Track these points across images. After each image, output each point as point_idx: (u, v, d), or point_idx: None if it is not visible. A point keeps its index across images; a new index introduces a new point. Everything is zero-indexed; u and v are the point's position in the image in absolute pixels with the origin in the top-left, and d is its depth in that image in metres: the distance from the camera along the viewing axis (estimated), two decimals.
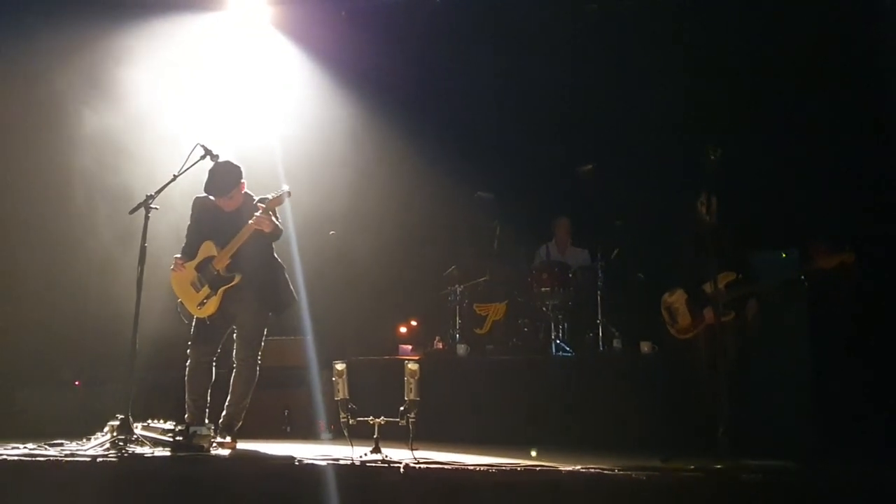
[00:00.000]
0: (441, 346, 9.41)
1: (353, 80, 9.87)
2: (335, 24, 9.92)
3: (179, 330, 6.83)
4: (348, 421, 6.04)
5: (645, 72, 9.20)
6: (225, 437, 6.41)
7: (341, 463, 5.47)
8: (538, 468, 5.31)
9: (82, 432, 6.50)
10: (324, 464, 5.41)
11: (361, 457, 5.69)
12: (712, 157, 6.21)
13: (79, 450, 6.00)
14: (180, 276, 6.64)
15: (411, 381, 5.96)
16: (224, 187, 6.53)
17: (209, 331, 6.62)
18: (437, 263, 9.88)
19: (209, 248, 6.60)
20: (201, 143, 6.63)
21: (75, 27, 9.01)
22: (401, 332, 9.83)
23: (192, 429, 6.01)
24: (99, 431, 6.35)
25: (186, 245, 6.80)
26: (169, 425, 6.21)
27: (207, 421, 6.48)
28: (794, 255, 7.18)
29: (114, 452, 5.86)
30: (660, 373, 7.78)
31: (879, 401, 6.99)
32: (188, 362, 6.62)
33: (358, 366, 7.43)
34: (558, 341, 8.81)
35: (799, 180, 8.21)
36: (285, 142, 9.26)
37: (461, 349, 9.10)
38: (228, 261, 6.54)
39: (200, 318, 6.61)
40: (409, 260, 9.86)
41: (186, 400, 6.60)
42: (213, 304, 6.54)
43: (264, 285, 6.65)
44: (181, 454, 5.86)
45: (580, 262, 9.48)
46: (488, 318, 9.48)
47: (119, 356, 6.94)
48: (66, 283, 9.00)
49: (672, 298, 7.04)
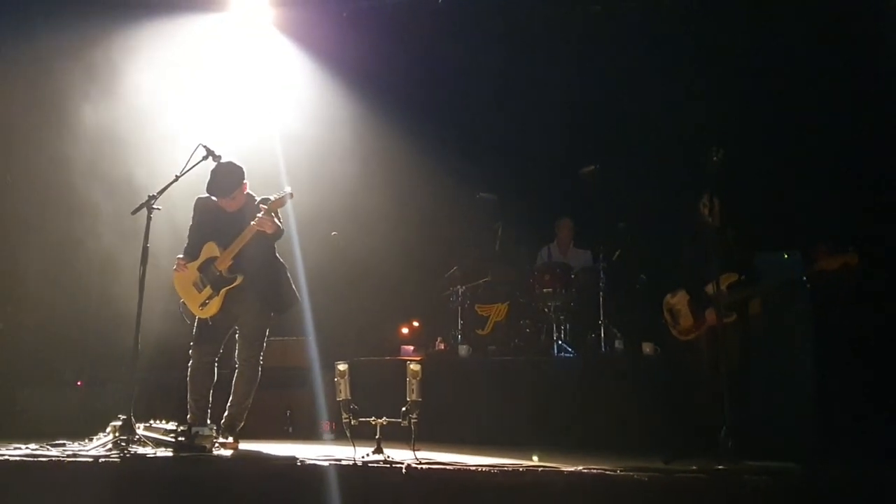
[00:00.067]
0: (443, 347, 9.42)
1: (354, 80, 9.88)
2: (336, 24, 9.92)
3: (181, 330, 6.83)
4: (350, 421, 6.02)
5: (647, 73, 9.21)
6: (227, 438, 6.40)
7: (343, 463, 5.46)
8: (540, 469, 5.31)
9: (84, 433, 6.50)
10: (326, 464, 5.40)
11: (363, 457, 5.69)
12: (714, 158, 6.22)
13: (81, 450, 6.00)
14: (182, 276, 6.63)
15: (413, 381, 5.95)
16: (226, 188, 6.52)
17: (211, 331, 6.61)
18: (439, 264, 9.89)
19: (211, 249, 6.59)
20: (203, 144, 6.62)
21: (77, 27, 9.03)
22: (403, 333, 9.84)
23: (194, 429, 6.00)
24: (101, 432, 6.34)
25: (188, 245, 6.79)
26: (171, 426, 6.20)
27: (209, 421, 6.47)
28: (797, 257, 7.17)
29: (116, 453, 5.85)
30: (662, 374, 7.79)
31: (881, 402, 6.99)
32: (190, 363, 6.61)
33: (360, 366, 7.41)
34: (560, 342, 8.81)
35: (801, 181, 8.23)
36: (287, 142, 9.26)
37: (463, 350, 9.11)
38: (231, 262, 6.53)
39: (202, 319, 6.60)
40: (411, 261, 9.86)
41: (188, 400, 6.59)
42: (216, 304, 6.53)
43: (267, 286, 6.65)
44: (183, 454, 5.85)
45: (582, 263, 9.48)
46: (490, 318, 9.49)
47: (121, 356, 6.96)
48: (67, 283, 9.01)
49: (674, 300, 7.03)
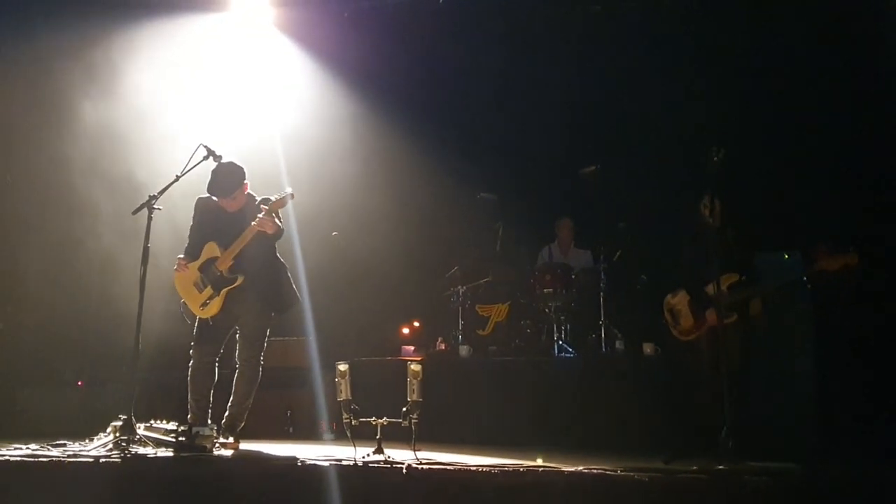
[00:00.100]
0: (444, 347, 9.42)
1: (355, 80, 9.87)
2: (337, 24, 9.92)
3: (182, 330, 6.83)
4: (351, 422, 6.02)
5: (648, 73, 9.21)
6: (228, 438, 6.40)
7: (344, 464, 5.46)
8: (541, 469, 5.31)
9: (85, 433, 6.50)
10: (326, 464, 5.40)
11: (364, 457, 5.69)
12: (715, 158, 6.22)
13: (81, 450, 6.00)
14: (183, 276, 6.63)
15: (414, 381, 5.94)
16: (227, 188, 6.52)
17: (212, 331, 6.61)
18: (440, 264, 9.89)
19: (212, 249, 6.59)
20: (204, 144, 6.62)
21: (77, 27, 9.02)
22: (403, 334, 9.84)
23: (194, 429, 6.00)
24: (102, 432, 6.34)
25: (189, 245, 6.78)
26: (172, 426, 6.21)
27: (210, 421, 6.47)
28: (797, 257, 7.17)
29: (117, 453, 5.85)
30: (662, 374, 7.79)
31: (882, 402, 6.99)
32: (191, 363, 6.61)
33: (361, 367, 7.42)
34: (561, 342, 8.81)
35: (801, 181, 8.23)
36: (288, 142, 9.25)
37: (464, 350, 9.11)
38: (231, 262, 6.52)
39: (203, 319, 6.60)
40: (412, 261, 9.86)
41: (189, 400, 6.59)
42: (216, 304, 6.53)
43: (267, 286, 6.64)
44: (184, 455, 5.85)
45: (583, 263, 9.48)
46: (491, 319, 9.49)
47: (121, 356, 6.96)
48: (67, 283, 9.01)
49: (675, 300, 7.02)
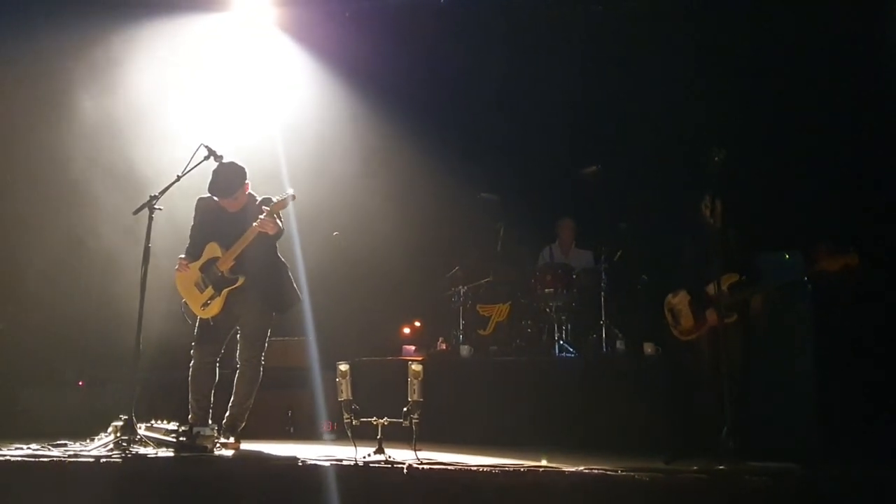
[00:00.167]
0: (444, 347, 9.41)
1: (356, 80, 9.86)
2: (339, 24, 9.91)
3: (183, 330, 6.83)
4: (352, 422, 6.02)
5: (649, 73, 9.21)
6: (228, 438, 6.40)
7: (344, 464, 5.47)
8: (541, 469, 5.31)
9: (86, 433, 6.50)
10: (327, 464, 5.40)
11: (365, 457, 5.69)
12: (716, 158, 6.22)
13: (82, 450, 6.00)
14: (184, 276, 6.63)
15: (415, 381, 5.95)
16: (229, 188, 6.52)
17: (213, 331, 6.61)
18: (441, 264, 9.89)
19: (214, 250, 6.58)
20: (205, 144, 6.62)
21: (78, 27, 9.01)
22: (404, 333, 9.84)
23: (195, 429, 6.00)
24: (102, 432, 6.35)
25: (190, 245, 6.79)
26: (172, 426, 6.20)
27: (211, 421, 6.48)
28: (798, 257, 7.17)
29: (117, 453, 5.85)
30: (663, 374, 7.79)
31: (882, 402, 6.98)
32: (192, 363, 6.61)
33: (361, 366, 7.43)
34: (562, 342, 8.82)
35: (801, 182, 8.22)
36: (289, 142, 9.23)
37: (464, 350, 9.12)
38: (233, 262, 6.52)
39: (204, 319, 6.60)
40: (413, 261, 9.84)
41: (190, 400, 6.59)
42: (217, 305, 6.53)
43: (268, 286, 6.64)
44: (185, 455, 5.85)
45: (584, 263, 9.48)
46: (492, 319, 9.49)
47: (122, 356, 6.94)
48: (68, 283, 9.00)
49: (675, 300, 7.02)
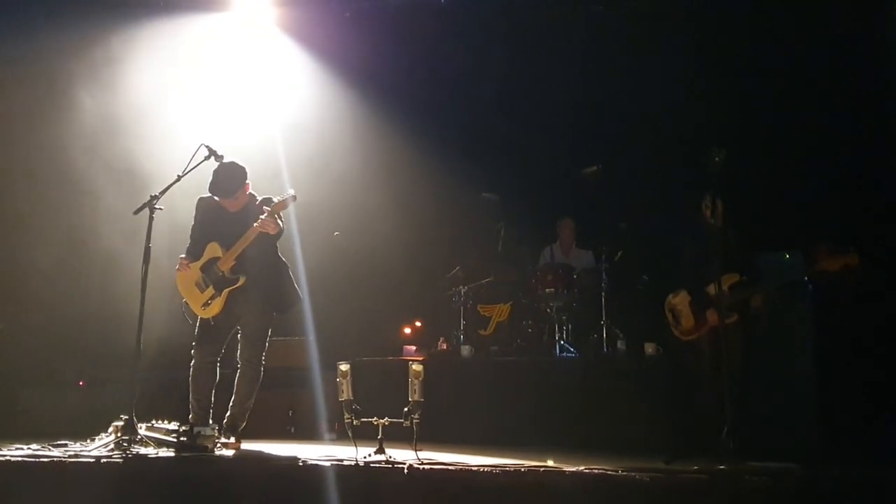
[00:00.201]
0: (445, 347, 9.40)
1: (357, 80, 9.86)
2: (339, 24, 9.91)
3: (183, 330, 6.83)
4: (352, 422, 6.01)
5: (649, 73, 9.21)
6: (229, 438, 6.40)
7: (345, 464, 5.47)
8: (542, 469, 5.31)
9: (86, 433, 6.51)
10: (328, 464, 5.41)
11: (365, 458, 5.69)
12: (716, 158, 6.22)
13: (83, 450, 6.01)
14: (185, 276, 6.63)
15: (415, 381, 5.94)
16: (229, 188, 6.52)
17: (213, 331, 6.61)
18: (442, 264, 9.89)
19: (214, 250, 6.58)
20: (206, 144, 6.62)
21: (79, 27, 9.01)
22: (405, 333, 9.83)
23: (196, 429, 6.00)
24: (103, 432, 6.35)
25: (191, 245, 6.79)
26: (173, 426, 6.20)
27: (211, 421, 6.48)
28: (798, 257, 7.17)
29: (118, 453, 5.86)
30: (663, 374, 7.78)
31: (882, 402, 6.98)
32: (192, 363, 6.61)
33: (362, 367, 7.41)
34: (562, 342, 8.82)
35: (802, 182, 8.22)
36: (289, 142, 9.24)
37: (465, 350, 9.12)
38: (233, 262, 6.52)
39: (204, 319, 6.60)
40: (414, 261, 9.84)
41: (190, 400, 6.59)
42: (218, 304, 6.53)
43: (269, 286, 6.64)
44: (185, 455, 5.85)
45: (584, 263, 9.48)
46: (492, 319, 9.49)
47: (122, 356, 6.94)
48: (68, 283, 9.00)
49: (676, 300, 7.02)
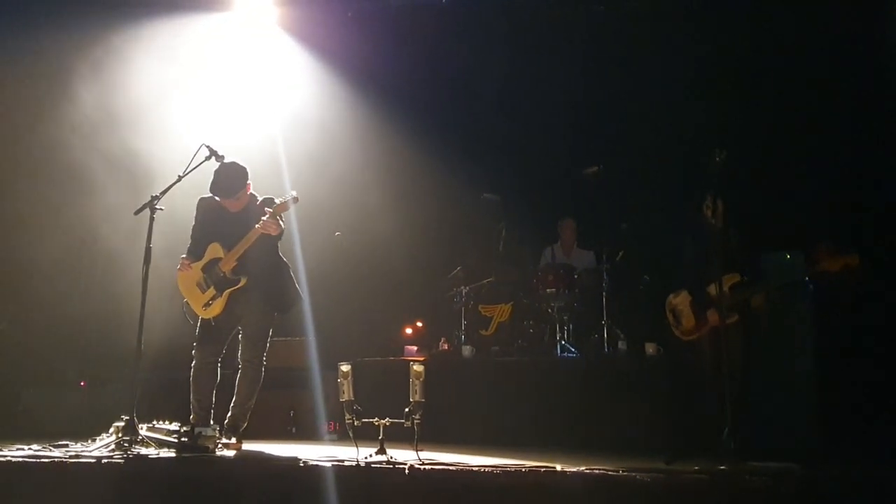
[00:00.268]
0: (446, 348, 9.41)
1: (358, 80, 9.87)
2: (341, 24, 9.92)
3: (184, 330, 6.83)
4: (353, 422, 6.01)
5: (650, 73, 9.21)
6: (230, 438, 6.40)
7: (346, 464, 5.47)
8: (543, 469, 5.30)
9: (87, 433, 6.51)
10: (329, 465, 5.41)
11: (366, 458, 5.69)
12: (717, 159, 6.22)
13: (84, 451, 6.01)
14: (186, 276, 6.64)
15: (416, 382, 5.94)
16: (231, 189, 6.52)
17: (214, 331, 6.61)
18: (443, 265, 9.90)
19: (216, 250, 6.58)
20: (206, 144, 6.62)
21: (80, 27, 9.02)
22: (406, 334, 9.85)
23: (197, 429, 5.99)
24: (104, 432, 6.35)
25: (192, 245, 6.79)
26: (174, 426, 6.18)
27: (212, 422, 6.48)
28: (799, 257, 7.16)
29: (119, 453, 5.86)
30: (664, 374, 7.79)
31: (882, 402, 6.98)
32: (193, 363, 6.61)
33: (363, 367, 7.42)
34: (563, 343, 8.82)
35: (803, 182, 8.22)
36: (290, 142, 9.25)
37: (466, 350, 9.12)
38: (235, 263, 6.52)
39: (205, 319, 6.60)
40: (415, 261, 9.86)
41: (191, 401, 6.59)
42: (219, 305, 6.53)
43: (270, 286, 6.64)
44: (186, 455, 5.85)
45: (585, 263, 9.48)
46: (494, 319, 9.50)
47: (123, 356, 6.96)
48: (69, 283, 9.01)
49: (677, 300, 7.02)
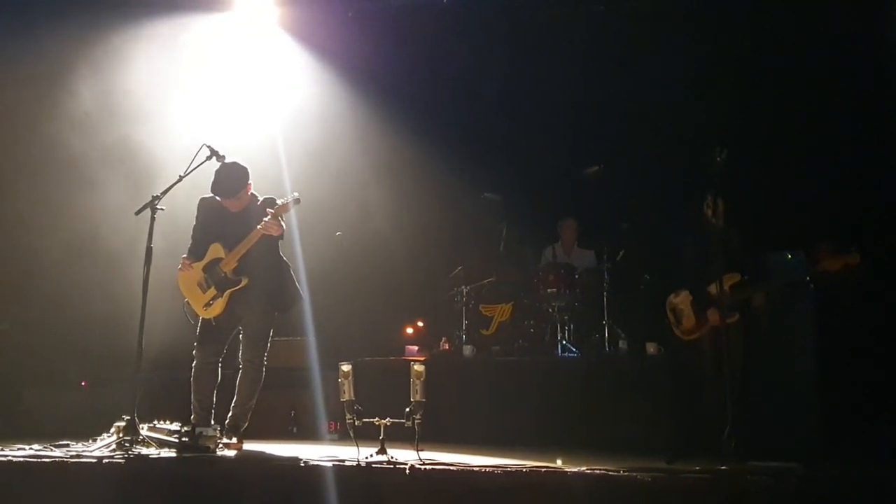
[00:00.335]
0: (447, 347, 9.41)
1: (359, 80, 9.85)
2: (341, 24, 9.91)
3: (185, 330, 6.83)
4: (354, 422, 6.00)
5: (651, 73, 9.21)
6: (231, 438, 6.40)
7: (347, 464, 5.47)
8: (543, 469, 5.31)
9: (88, 433, 6.51)
10: (329, 465, 5.41)
11: (367, 458, 5.69)
12: (718, 158, 6.22)
13: (84, 451, 6.01)
14: (187, 276, 6.64)
15: (417, 382, 5.94)
16: (232, 189, 6.51)
17: (215, 331, 6.61)
18: (444, 264, 9.90)
19: (217, 250, 6.58)
20: (207, 144, 6.62)
21: (80, 26, 9.01)
22: (407, 333, 9.84)
23: (197, 429, 6.00)
24: (105, 432, 6.35)
25: (192, 245, 6.78)
26: (175, 426, 6.20)
27: (213, 422, 6.48)
28: (800, 257, 7.16)
29: (120, 453, 5.87)
30: (665, 374, 7.78)
31: (883, 402, 6.98)
32: (194, 363, 6.61)
33: (364, 367, 7.42)
34: (564, 342, 8.82)
35: (803, 182, 8.22)
36: (291, 142, 9.24)
37: (467, 350, 9.12)
38: (236, 263, 6.52)
39: (206, 319, 6.60)
40: (416, 261, 9.85)
41: (192, 401, 6.59)
42: (220, 305, 6.53)
43: (271, 286, 6.63)
44: (187, 455, 5.85)
45: (586, 263, 9.48)
46: (494, 319, 9.50)
47: (124, 356, 6.94)
48: (70, 283, 9.00)
49: (677, 300, 7.02)
